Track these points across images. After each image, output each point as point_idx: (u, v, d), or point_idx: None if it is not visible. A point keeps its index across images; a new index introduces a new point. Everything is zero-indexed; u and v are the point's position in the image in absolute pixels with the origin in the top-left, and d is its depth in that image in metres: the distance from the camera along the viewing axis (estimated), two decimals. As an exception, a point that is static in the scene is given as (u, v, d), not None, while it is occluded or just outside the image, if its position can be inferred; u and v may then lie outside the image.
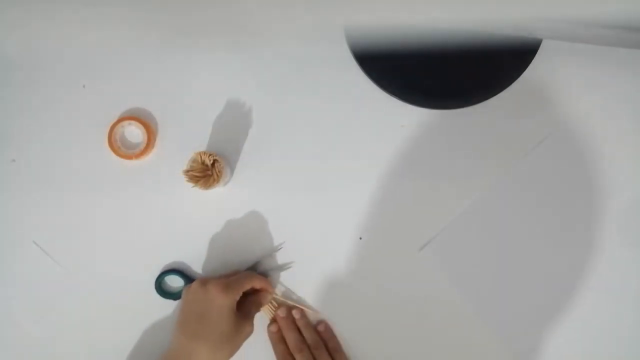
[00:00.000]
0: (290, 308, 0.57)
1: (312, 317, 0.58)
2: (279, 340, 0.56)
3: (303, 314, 0.57)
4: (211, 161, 0.53)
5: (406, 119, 0.59)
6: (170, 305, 0.58)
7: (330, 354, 0.55)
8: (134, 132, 0.59)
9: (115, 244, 0.58)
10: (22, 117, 0.59)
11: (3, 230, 0.58)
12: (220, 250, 0.58)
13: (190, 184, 0.52)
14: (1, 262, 0.58)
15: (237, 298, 0.52)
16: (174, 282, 0.58)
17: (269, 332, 0.57)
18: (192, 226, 0.58)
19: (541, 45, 0.57)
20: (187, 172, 0.53)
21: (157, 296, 0.58)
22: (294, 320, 0.57)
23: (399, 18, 0.48)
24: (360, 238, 0.58)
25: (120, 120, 0.58)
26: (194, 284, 0.53)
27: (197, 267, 0.59)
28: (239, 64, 0.59)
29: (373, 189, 0.58)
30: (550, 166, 0.58)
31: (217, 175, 0.52)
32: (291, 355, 0.55)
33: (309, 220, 0.58)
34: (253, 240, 0.58)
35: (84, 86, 0.59)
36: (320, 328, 0.57)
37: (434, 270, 0.58)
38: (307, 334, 0.56)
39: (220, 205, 0.58)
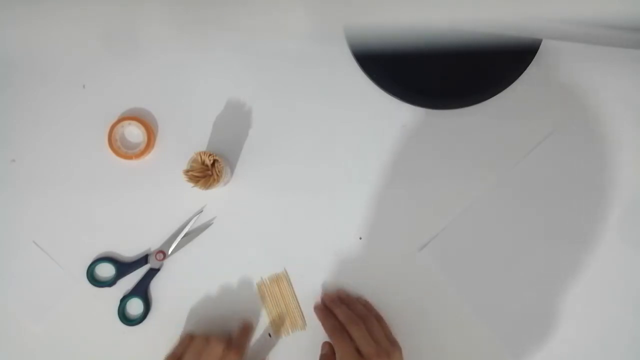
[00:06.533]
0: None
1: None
2: (327, 315, 0.56)
3: (347, 292, 0.58)
4: (211, 161, 0.53)
5: (406, 119, 0.59)
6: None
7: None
8: (134, 132, 0.59)
9: (115, 244, 0.58)
10: (22, 117, 0.59)
11: (3, 230, 0.58)
12: (221, 250, 0.59)
13: (190, 184, 0.52)
14: (1, 262, 0.58)
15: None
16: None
17: (317, 310, 0.57)
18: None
19: (541, 45, 0.57)
20: (187, 172, 0.53)
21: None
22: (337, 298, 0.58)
23: (400, 18, 0.48)
24: (360, 238, 0.58)
25: (120, 120, 0.58)
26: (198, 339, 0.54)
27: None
28: (239, 64, 0.59)
29: (373, 188, 0.58)
30: (550, 166, 0.58)
31: (217, 175, 0.52)
32: (340, 328, 0.54)
33: (309, 220, 0.58)
34: (253, 240, 0.58)
35: (84, 86, 0.59)
36: (362, 302, 0.57)
37: (434, 270, 0.58)
38: (356, 308, 0.56)
39: (220, 205, 0.58)
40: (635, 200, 0.58)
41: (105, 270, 0.58)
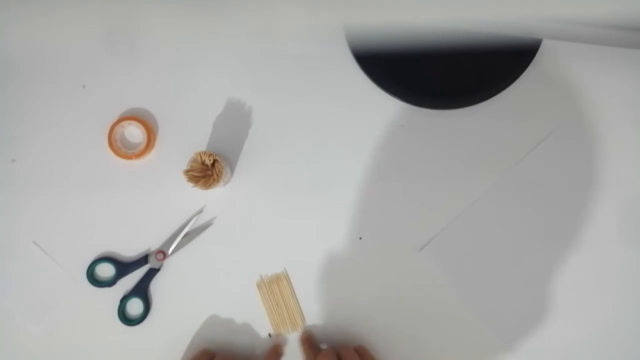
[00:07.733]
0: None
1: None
2: (312, 346, 0.56)
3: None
4: (211, 161, 0.53)
5: (406, 119, 0.59)
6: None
7: None
8: (134, 132, 0.59)
9: (115, 244, 0.58)
10: (22, 117, 0.59)
11: (3, 230, 0.58)
12: (221, 250, 0.59)
13: (190, 184, 0.52)
14: (1, 262, 0.58)
15: None
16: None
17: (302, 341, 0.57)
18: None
19: (541, 45, 0.57)
20: (187, 172, 0.53)
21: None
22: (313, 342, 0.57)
23: (400, 18, 0.48)
24: (360, 238, 0.58)
25: (120, 120, 0.58)
26: None
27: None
28: (239, 63, 0.59)
29: (373, 188, 0.58)
30: (550, 166, 0.58)
31: (217, 175, 0.52)
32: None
33: (309, 220, 0.58)
34: (253, 240, 0.58)
35: (84, 86, 0.59)
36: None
37: (434, 270, 0.58)
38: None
39: (220, 205, 0.58)
40: (635, 200, 0.58)
41: (105, 270, 0.58)
